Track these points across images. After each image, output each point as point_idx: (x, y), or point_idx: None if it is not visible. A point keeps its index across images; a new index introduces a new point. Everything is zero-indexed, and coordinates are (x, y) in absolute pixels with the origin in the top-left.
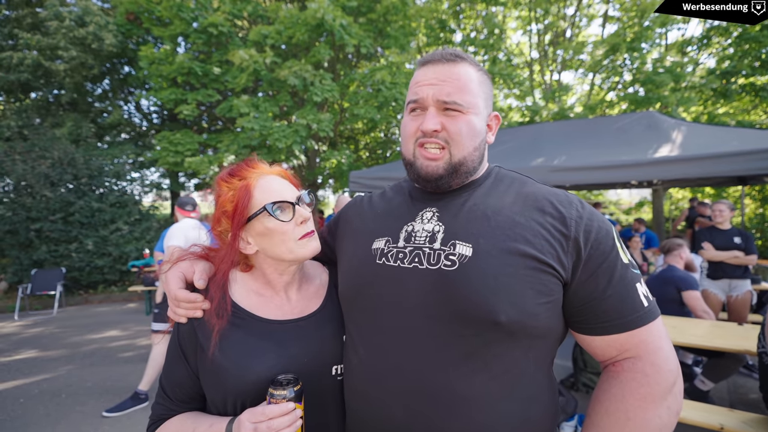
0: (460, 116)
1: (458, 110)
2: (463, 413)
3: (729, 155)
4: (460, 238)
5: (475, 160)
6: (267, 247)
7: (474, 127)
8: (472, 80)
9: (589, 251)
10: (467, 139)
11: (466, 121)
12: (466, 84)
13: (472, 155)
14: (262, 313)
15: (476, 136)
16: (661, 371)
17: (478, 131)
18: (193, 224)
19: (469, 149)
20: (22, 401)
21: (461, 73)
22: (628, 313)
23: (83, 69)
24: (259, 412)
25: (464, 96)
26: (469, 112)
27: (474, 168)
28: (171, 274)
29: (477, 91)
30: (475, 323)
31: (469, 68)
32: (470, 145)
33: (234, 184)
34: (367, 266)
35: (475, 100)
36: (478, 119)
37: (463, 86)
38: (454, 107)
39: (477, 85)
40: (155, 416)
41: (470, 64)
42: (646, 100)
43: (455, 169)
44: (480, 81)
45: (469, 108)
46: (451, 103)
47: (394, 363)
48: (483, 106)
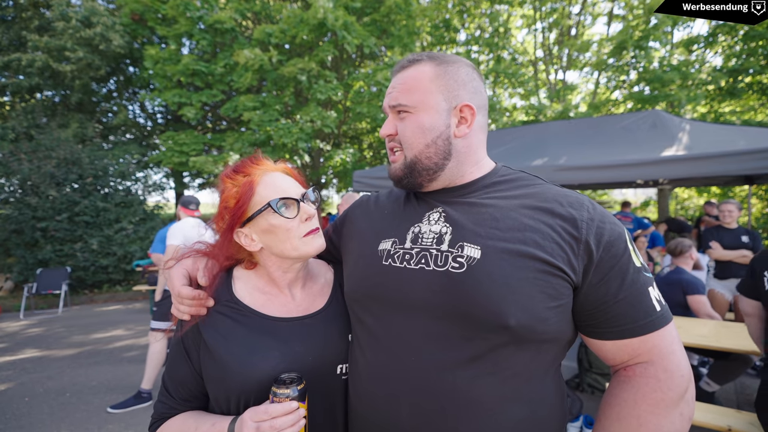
0: (408, 117)
1: (406, 111)
2: (470, 416)
3: (736, 154)
4: (468, 240)
5: (431, 157)
6: (271, 244)
7: (422, 124)
8: (423, 79)
9: (601, 254)
10: (414, 138)
11: (413, 120)
12: (413, 84)
13: (425, 152)
14: (267, 310)
15: (426, 132)
16: (674, 377)
17: (428, 128)
18: (193, 223)
19: (419, 147)
20: (27, 399)
21: (411, 75)
22: (640, 317)
23: (90, 70)
24: (262, 411)
25: (410, 96)
26: (417, 110)
27: (436, 164)
28: (175, 272)
29: (428, 87)
30: (483, 326)
31: (424, 67)
32: (420, 143)
33: (238, 180)
34: (374, 267)
35: (424, 97)
36: (430, 116)
37: (410, 87)
38: (401, 109)
39: (429, 83)
40: (157, 414)
41: (427, 63)
42: (653, 99)
43: (411, 168)
44: (435, 76)
45: (415, 107)
46: (397, 106)
47: (401, 365)
48: (441, 99)
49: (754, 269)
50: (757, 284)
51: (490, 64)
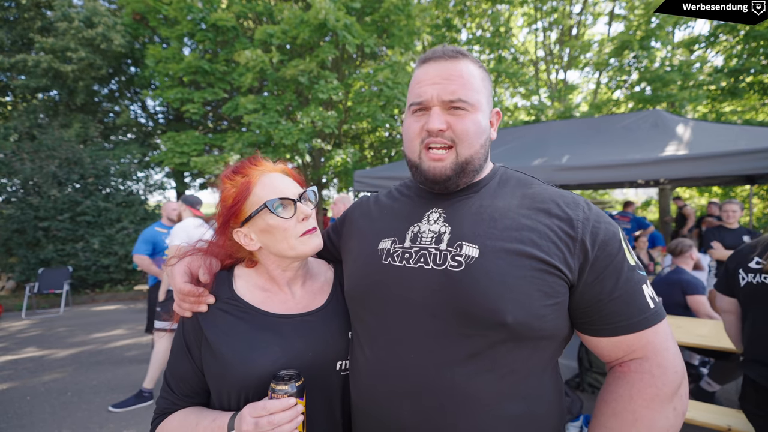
0: (466, 114)
1: (464, 108)
2: (469, 412)
3: (737, 154)
4: (467, 240)
5: (481, 158)
6: (269, 244)
7: (480, 124)
8: (475, 77)
9: (596, 253)
10: (474, 138)
11: (473, 119)
12: (469, 81)
13: (479, 153)
14: (267, 307)
15: (482, 133)
16: (668, 372)
17: (483, 128)
18: (196, 223)
19: (476, 147)
20: (28, 399)
21: (464, 71)
22: (634, 314)
23: (92, 70)
24: (260, 407)
25: (469, 93)
26: (475, 109)
27: (480, 166)
28: (177, 269)
29: (480, 87)
30: (481, 324)
31: (471, 65)
32: (477, 143)
33: (236, 180)
34: (373, 266)
35: (479, 96)
36: (483, 116)
37: (467, 83)
38: (460, 105)
39: (480, 82)
40: (159, 410)
41: (472, 61)
42: (654, 99)
43: (462, 169)
44: (482, 78)
45: (474, 105)
46: (456, 101)
47: (401, 362)
48: (485, 102)
49: (729, 267)
50: (733, 281)
51: (491, 63)
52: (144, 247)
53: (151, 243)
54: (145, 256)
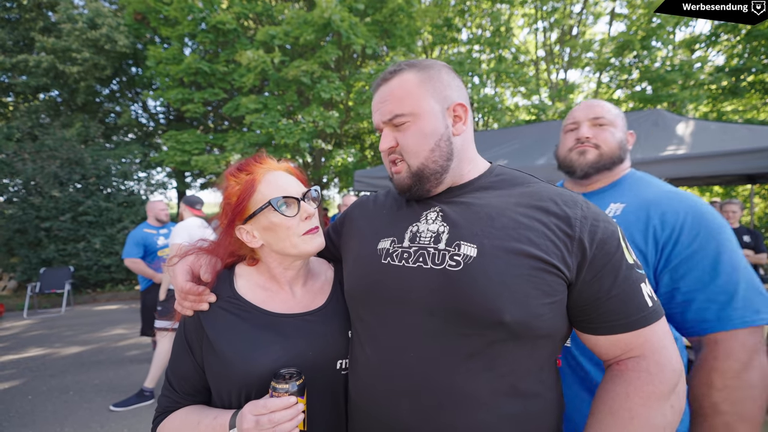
0: (408, 126)
1: (403, 121)
2: (468, 410)
3: (738, 153)
4: (465, 239)
5: (437, 160)
6: (272, 242)
7: (423, 130)
8: (411, 85)
9: (594, 251)
10: (418, 146)
11: (415, 129)
12: (403, 93)
13: (430, 157)
14: (268, 306)
15: (429, 137)
16: (665, 370)
17: (430, 132)
18: (198, 223)
19: (424, 153)
20: (30, 398)
21: (396, 86)
22: (632, 312)
23: (96, 71)
24: (261, 405)
25: (404, 105)
26: (417, 116)
27: (441, 166)
28: (178, 268)
29: (419, 93)
30: (480, 323)
31: (406, 75)
32: (425, 149)
33: (241, 178)
34: (373, 266)
35: (417, 102)
36: (429, 120)
37: (400, 96)
38: (398, 121)
39: (417, 88)
40: (161, 408)
41: (408, 71)
42: (655, 99)
43: (419, 176)
44: (421, 81)
45: (412, 114)
46: (393, 118)
47: (400, 361)
48: (433, 102)
49: None
50: None
51: (492, 63)
52: (135, 250)
53: (141, 245)
54: (138, 259)
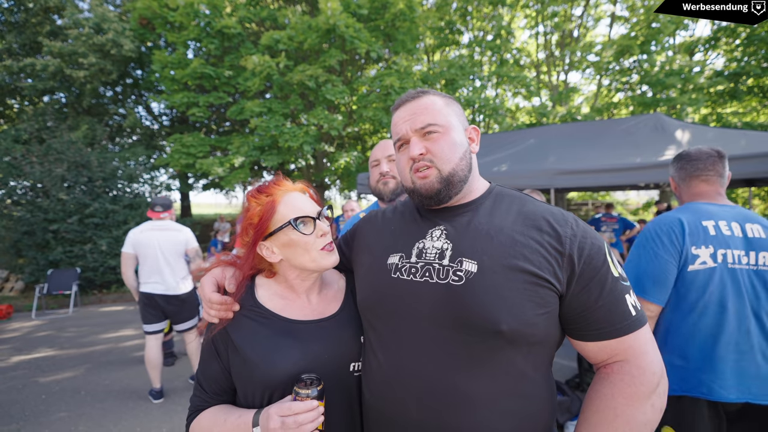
0: (439, 136)
1: (436, 131)
2: (469, 410)
3: (737, 158)
4: (467, 256)
5: (464, 169)
6: (291, 257)
7: (454, 141)
8: (439, 105)
9: (582, 266)
10: (450, 154)
11: (445, 138)
12: (433, 108)
13: (459, 165)
14: (286, 313)
15: (458, 147)
16: (646, 373)
17: (458, 143)
18: (148, 226)
19: (455, 161)
20: (44, 398)
21: (428, 102)
22: (617, 321)
23: (102, 75)
24: (286, 408)
25: (437, 117)
26: (446, 129)
27: (465, 176)
28: (205, 280)
29: (446, 111)
30: (480, 332)
31: (433, 97)
32: (455, 157)
33: (261, 199)
34: (384, 280)
35: (447, 117)
36: (456, 133)
37: (432, 111)
38: (431, 129)
39: (445, 108)
40: (193, 407)
41: (434, 95)
42: (654, 102)
43: (448, 181)
44: (445, 104)
45: (444, 125)
46: (427, 126)
47: (409, 366)
48: (456, 121)
49: None
50: None
51: (493, 66)
52: None
53: None
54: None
